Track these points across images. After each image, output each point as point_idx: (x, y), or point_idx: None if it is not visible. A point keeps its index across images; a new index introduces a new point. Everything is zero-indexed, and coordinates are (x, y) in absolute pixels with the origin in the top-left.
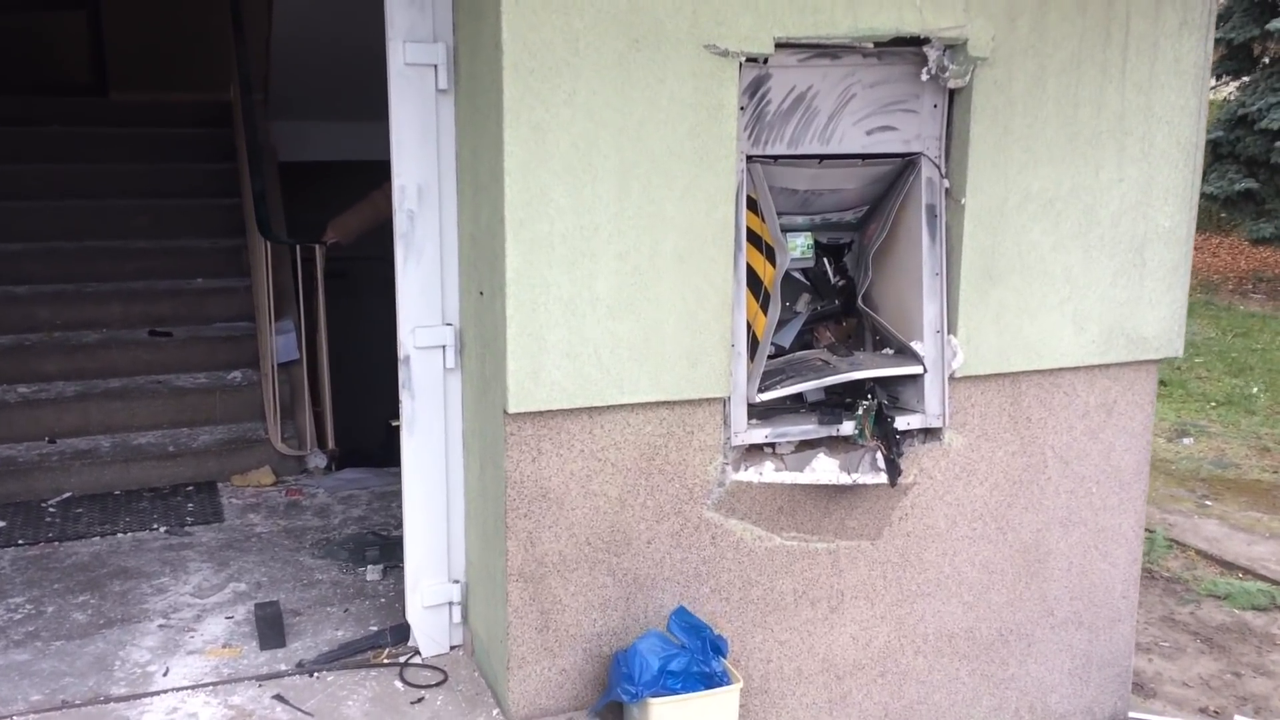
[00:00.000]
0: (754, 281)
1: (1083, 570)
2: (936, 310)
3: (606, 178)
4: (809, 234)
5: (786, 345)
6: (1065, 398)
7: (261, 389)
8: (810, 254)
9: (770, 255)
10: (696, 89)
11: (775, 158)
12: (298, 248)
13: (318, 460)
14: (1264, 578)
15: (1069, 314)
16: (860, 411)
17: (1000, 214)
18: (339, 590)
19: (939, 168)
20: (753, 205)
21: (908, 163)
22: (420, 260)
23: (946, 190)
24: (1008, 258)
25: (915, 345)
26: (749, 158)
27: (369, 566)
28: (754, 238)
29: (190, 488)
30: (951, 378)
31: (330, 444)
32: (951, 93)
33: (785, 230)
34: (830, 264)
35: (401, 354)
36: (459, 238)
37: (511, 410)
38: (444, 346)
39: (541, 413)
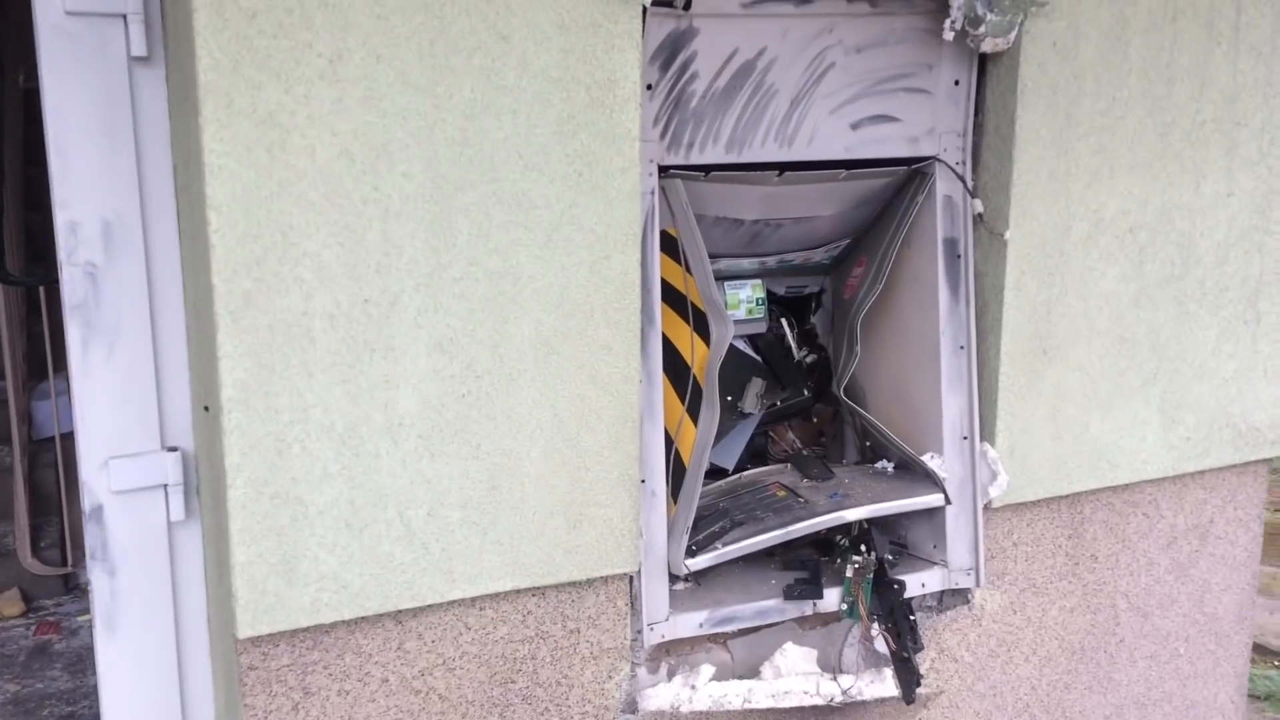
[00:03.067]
0: (674, 366)
1: None
2: (962, 404)
3: (410, 211)
4: (757, 282)
5: (730, 467)
6: (1145, 522)
7: (13, 478)
8: (761, 312)
9: (701, 325)
10: (567, 53)
11: (706, 169)
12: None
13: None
14: None
15: (1154, 400)
16: (850, 573)
17: (1060, 252)
18: None
19: (964, 181)
20: (670, 246)
21: (914, 173)
22: (113, 348)
23: (978, 216)
24: (1070, 319)
25: (930, 460)
26: (663, 169)
27: None
28: (673, 297)
29: None
30: (987, 507)
31: None
32: (984, 59)
33: (724, 280)
34: (791, 328)
35: (88, 505)
36: (184, 307)
37: (243, 634)
38: (165, 486)
39: (306, 629)
